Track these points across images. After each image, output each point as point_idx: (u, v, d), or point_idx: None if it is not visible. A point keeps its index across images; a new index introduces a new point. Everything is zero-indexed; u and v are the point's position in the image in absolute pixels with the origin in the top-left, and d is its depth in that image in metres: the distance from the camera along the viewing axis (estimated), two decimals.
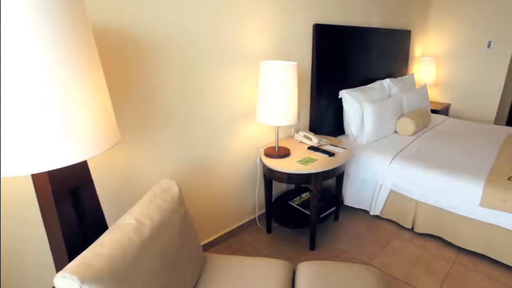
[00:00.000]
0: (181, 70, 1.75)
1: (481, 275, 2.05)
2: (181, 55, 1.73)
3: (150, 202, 1.20)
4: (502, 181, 2.09)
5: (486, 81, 4.29)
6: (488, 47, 4.18)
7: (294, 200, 2.52)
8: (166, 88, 1.71)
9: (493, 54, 4.16)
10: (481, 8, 4.13)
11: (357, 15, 2.95)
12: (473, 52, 4.30)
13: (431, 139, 2.94)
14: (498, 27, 4.06)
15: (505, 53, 4.08)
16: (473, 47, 4.29)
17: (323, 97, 2.70)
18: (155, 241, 1.09)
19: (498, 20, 4.04)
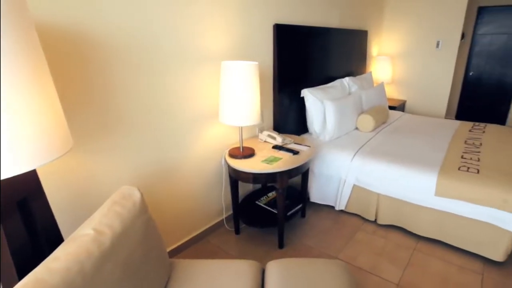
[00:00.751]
0: (140, 71, 1.69)
1: (438, 260, 2.18)
2: (139, 56, 1.67)
3: (110, 210, 1.15)
4: (453, 172, 2.23)
5: (436, 79, 4.57)
6: (437, 46, 4.45)
7: (261, 199, 2.52)
8: (126, 90, 1.65)
9: (442, 53, 4.44)
10: (429, 11, 4.39)
11: (316, 16, 3.02)
12: (424, 51, 4.56)
13: (389, 134, 3.07)
14: (445, 28, 4.33)
15: (451, 53, 4.36)
16: (423, 46, 4.55)
17: (285, 96, 2.74)
18: (116, 251, 1.04)
19: (445, 21, 4.32)
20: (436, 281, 1.99)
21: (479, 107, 5.80)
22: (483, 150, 2.62)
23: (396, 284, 1.96)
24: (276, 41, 2.51)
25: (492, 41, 5.46)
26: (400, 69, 4.81)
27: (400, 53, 4.75)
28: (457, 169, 2.26)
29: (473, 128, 3.30)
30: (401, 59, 4.77)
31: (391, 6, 4.64)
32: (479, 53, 5.60)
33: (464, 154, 2.53)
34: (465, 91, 5.84)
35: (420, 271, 2.07)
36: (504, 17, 5.28)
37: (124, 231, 1.11)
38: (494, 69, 5.55)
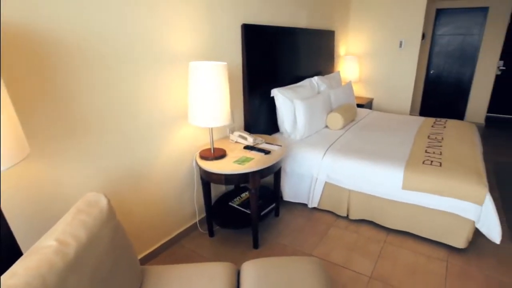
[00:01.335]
0: (106, 73, 1.63)
1: (407, 250, 2.26)
2: (104, 56, 1.61)
3: (74, 219, 1.09)
4: (418, 166, 2.33)
5: (400, 77, 4.75)
6: (400, 46, 4.63)
7: (234, 200, 2.51)
8: (91, 92, 1.58)
9: (404, 52, 4.63)
10: (392, 12, 4.56)
11: (284, 16, 3.05)
12: (388, 51, 4.73)
13: (358, 131, 3.15)
14: (407, 29, 4.52)
15: (413, 52, 4.56)
16: (387, 46, 4.72)
17: (256, 96, 2.74)
18: (82, 262, 0.99)
19: (406, 22, 4.50)
20: (406, 271, 2.07)
21: (440, 104, 6.09)
22: (445, 144, 2.76)
23: (368, 276, 2.02)
24: (245, 41, 2.51)
25: (449, 42, 5.76)
26: (367, 68, 4.97)
27: (366, 52, 4.90)
28: (422, 163, 2.36)
29: (435, 123, 3.46)
30: (367, 59, 4.92)
31: (356, 7, 4.78)
32: (439, 53, 5.89)
33: (428, 149, 2.65)
34: (427, 88, 6.12)
35: (391, 263, 2.14)
36: (459, 19, 5.59)
37: (90, 240, 1.06)
38: (452, 68, 5.85)
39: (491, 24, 5.35)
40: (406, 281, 1.98)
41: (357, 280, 1.99)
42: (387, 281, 1.98)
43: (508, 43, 5.85)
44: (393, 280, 1.99)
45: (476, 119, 5.82)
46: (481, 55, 5.54)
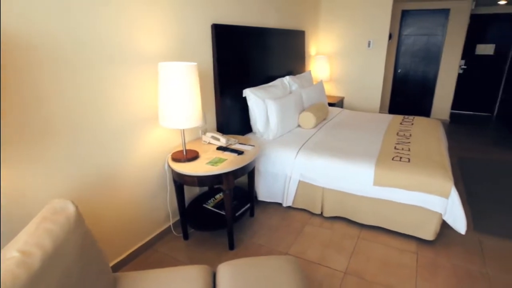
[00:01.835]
0: (73, 75, 1.56)
1: (380, 245, 2.32)
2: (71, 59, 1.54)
3: (38, 228, 1.04)
4: (388, 162, 2.39)
5: (369, 76, 4.88)
6: (368, 46, 4.76)
7: (208, 202, 2.48)
8: (57, 96, 1.51)
9: (373, 52, 4.76)
10: (360, 13, 4.68)
11: (254, 16, 3.05)
12: (357, 50, 4.85)
13: (330, 130, 3.21)
14: (375, 29, 4.65)
15: (381, 52, 4.70)
16: (356, 46, 4.84)
17: (228, 96, 2.73)
18: (48, 272, 0.94)
19: (374, 23, 4.63)
20: (379, 264, 2.12)
21: (408, 101, 6.32)
22: (413, 141, 2.85)
23: (343, 272, 2.05)
24: (215, 41, 2.49)
25: (415, 42, 5.99)
26: (337, 68, 5.07)
27: (336, 52, 5.00)
28: (391, 159, 2.43)
29: (404, 121, 3.58)
30: (337, 58, 5.02)
31: (326, 8, 4.87)
32: (405, 52, 6.10)
33: (397, 145, 2.73)
34: (395, 87, 6.33)
35: (365, 258, 2.19)
36: (424, 20, 5.82)
37: (57, 249, 1.01)
38: (418, 67, 6.09)
39: (452, 25, 5.61)
40: (379, 275, 2.03)
41: (332, 276, 2.02)
42: (361, 276, 2.02)
43: (468, 43, 6.16)
44: (367, 274, 2.03)
45: (441, 115, 6.08)
46: (444, 54, 5.79)
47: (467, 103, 6.68)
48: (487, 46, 6.25)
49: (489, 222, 2.62)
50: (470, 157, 4.11)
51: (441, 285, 1.96)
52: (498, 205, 2.89)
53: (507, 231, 2.49)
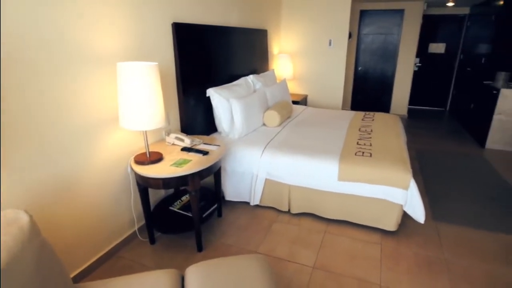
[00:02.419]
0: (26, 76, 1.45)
1: (346, 238, 2.38)
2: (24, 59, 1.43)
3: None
4: (351, 157, 2.46)
5: (331, 74, 5.01)
6: (330, 45, 4.87)
7: (174, 204, 2.42)
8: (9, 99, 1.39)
9: (334, 51, 4.88)
10: (320, 12, 4.78)
11: (215, 15, 3.02)
12: (319, 49, 4.95)
13: (294, 127, 3.24)
14: (335, 28, 4.78)
15: (342, 50, 4.84)
16: (318, 45, 4.94)
17: (191, 96, 2.68)
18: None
19: (334, 22, 4.75)
20: (345, 257, 2.17)
21: (368, 98, 6.56)
22: (374, 136, 2.96)
23: (312, 267, 2.08)
24: (176, 41, 2.43)
25: (373, 40, 6.22)
26: (300, 66, 5.15)
27: (298, 51, 5.08)
28: (354, 154, 2.50)
29: (365, 117, 3.70)
30: (300, 57, 5.10)
31: (287, 7, 4.92)
32: (364, 51, 6.33)
33: (359, 141, 2.82)
34: (356, 84, 6.55)
35: (332, 251, 2.24)
36: (381, 20, 6.07)
37: (10, 263, 0.94)
38: (377, 64, 6.34)
39: (407, 25, 5.89)
40: (346, 267, 2.08)
41: (301, 271, 2.04)
42: (329, 269, 2.06)
43: (422, 42, 6.50)
44: (334, 268, 2.08)
45: (399, 111, 6.37)
46: (400, 52, 6.07)
47: (422, 99, 7.06)
48: (439, 45, 6.63)
49: (445, 210, 2.77)
50: (427, 150, 4.34)
51: (404, 273, 2.04)
52: (453, 194, 3.07)
53: (461, 218, 2.66)
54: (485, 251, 2.26)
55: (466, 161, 3.94)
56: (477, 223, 2.59)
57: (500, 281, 1.99)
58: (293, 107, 4.13)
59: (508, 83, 4.39)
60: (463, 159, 4.03)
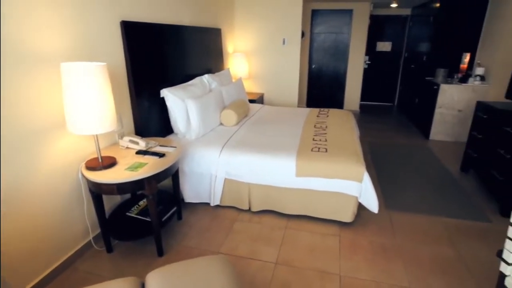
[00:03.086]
0: None
1: (306, 232, 2.44)
2: None
3: None
4: (308, 153, 2.53)
5: (286, 72, 5.10)
6: (283, 43, 4.96)
7: (131, 210, 2.33)
8: None
9: (288, 49, 4.98)
10: (273, 12, 4.85)
11: (167, 13, 2.94)
12: (273, 48, 5.02)
13: (252, 126, 3.26)
14: (288, 27, 4.87)
15: (295, 49, 4.95)
16: (272, 43, 5.01)
17: (145, 98, 2.59)
18: None
19: (287, 21, 4.85)
20: (306, 251, 2.23)
21: (323, 95, 6.77)
22: (329, 132, 3.06)
23: (274, 263, 2.11)
24: (126, 40, 2.33)
25: (325, 39, 6.43)
26: (255, 65, 5.19)
27: (253, 49, 5.11)
28: (311, 150, 2.57)
29: (320, 113, 3.82)
30: (255, 55, 5.14)
31: (240, 6, 4.93)
32: (317, 49, 6.52)
33: (315, 137, 2.90)
34: (311, 81, 6.73)
35: (293, 246, 2.28)
36: (331, 19, 6.28)
37: None
38: (329, 62, 6.56)
39: (355, 24, 6.17)
40: (307, 260, 2.14)
41: (264, 268, 2.06)
42: (291, 264, 2.10)
43: (370, 41, 6.84)
44: (296, 262, 2.12)
45: (352, 107, 6.66)
46: (351, 51, 6.34)
47: (373, 95, 7.43)
48: (385, 44, 7.02)
49: (396, 199, 2.95)
50: (378, 143, 4.58)
51: (361, 261, 2.14)
52: (403, 183, 3.27)
53: (410, 206, 2.84)
54: (431, 234, 2.44)
55: (413, 152, 4.22)
56: (424, 209, 2.78)
57: (443, 258, 2.18)
58: (250, 105, 4.15)
59: (447, 79, 4.76)
60: (411, 150, 4.31)
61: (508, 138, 2.80)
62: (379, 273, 2.04)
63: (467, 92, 4.47)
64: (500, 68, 4.15)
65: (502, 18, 4.20)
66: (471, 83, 4.44)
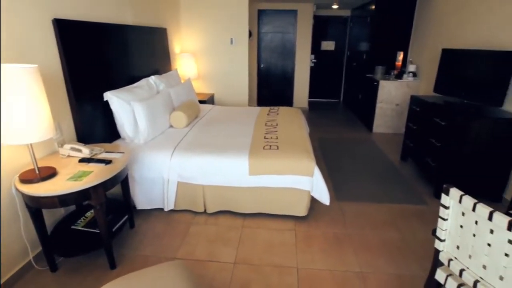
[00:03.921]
0: None
1: (263, 229, 2.47)
2: None
3: None
4: (260, 151, 2.55)
5: (235, 71, 5.11)
6: (231, 43, 4.96)
7: (78, 223, 2.18)
8: None
9: (236, 49, 4.99)
10: (220, 11, 4.82)
11: (107, 11, 2.79)
12: (221, 47, 5.00)
13: (203, 127, 3.22)
14: (235, 27, 4.88)
15: (243, 48, 4.97)
16: (220, 43, 4.98)
17: (86, 102, 2.43)
18: None
19: (234, 21, 4.85)
20: (264, 248, 2.25)
21: (273, 93, 6.90)
22: (279, 129, 3.12)
23: (232, 263, 2.11)
24: (61, 40, 2.16)
25: (272, 39, 6.55)
26: (204, 65, 5.12)
27: (201, 49, 5.04)
28: (262, 148, 2.60)
29: (270, 111, 3.88)
30: (203, 55, 5.07)
31: (185, 5, 4.83)
32: (265, 48, 6.62)
33: (266, 135, 2.94)
34: (261, 80, 6.82)
35: (250, 244, 2.29)
36: (277, 19, 6.41)
37: None
38: (278, 61, 6.70)
39: (300, 24, 6.36)
40: (265, 257, 2.16)
41: (223, 269, 2.05)
42: (250, 262, 2.11)
43: (315, 40, 7.09)
44: (255, 260, 2.13)
45: (301, 104, 6.85)
46: (297, 50, 6.52)
47: (320, 92, 7.72)
48: (329, 43, 7.33)
49: (346, 190, 3.09)
50: (327, 138, 4.77)
51: (316, 252, 2.21)
52: (351, 175, 3.44)
53: (358, 195, 3.00)
54: (378, 220, 2.61)
55: (359, 145, 4.46)
56: (371, 197, 2.95)
57: (389, 241, 2.34)
58: (200, 106, 4.09)
59: (385, 75, 5.10)
60: (357, 143, 4.55)
61: (437, 128, 3.07)
62: (333, 262, 2.13)
63: (402, 88, 4.83)
64: (428, 65, 4.53)
65: (427, 21, 4.60)
66: (405, 79, 4.81)
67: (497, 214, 1.09)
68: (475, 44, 3.38)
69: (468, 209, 1.20)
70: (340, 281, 1.97)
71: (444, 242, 1.39)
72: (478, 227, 1.18)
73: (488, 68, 2.94)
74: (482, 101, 2.96)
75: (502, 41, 2.97)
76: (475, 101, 3.03)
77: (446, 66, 3.50)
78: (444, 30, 4.11)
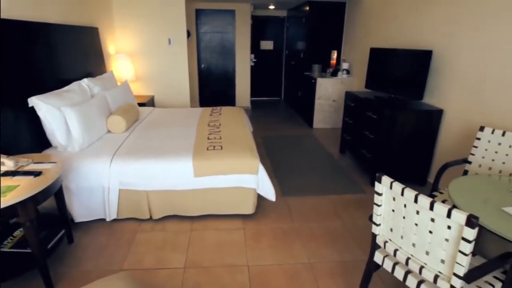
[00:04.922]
0: None
1: (211, 231, 2.46)
2: None
3: None
4: (203, 153, 2.53)
5: (175, 72, 4.99)
6: (169, 43, 4.83)
7: (4, 244, 1.96)
8: None
9: (174, 49, 4.87)
10: (156, 10, 4.66)
11: (26, 8, 2.54)
12: (159, 48, 4.84)
13: (143, 131, 3.09)
14: (173, 27, 4.76)
15: (182, 48, 4.88)
16: (157, 44, 4.82)
17: (8, 109, 2.19)
18: None
19: (171, 21, 4.74)
20: (214, 249, 2.25)
21: (215, 93, 6.86)
22: (223, 129, 3.12)
23: (183, 268, 2.07)
24: None
25: (211, 39, 6.51)
26: (141, 66, 4.92)
27: (137, 50, 4.83)
28: (206, 149, 2.59)
29: (213, 112, 3.86)
30: (140, 56, 4.87)
31: (118, 4, 4.58)
32: (205, 48, 6.56)
33: (209, 135, 2.92)
34: (202, 81, 6.74)
35: (200, 247, 2.27)
36: (216, 19, 6.39)
37: None
38: (218, 61, 6.68)
39: (239, 24, 6.41)
40: (215, 258, 2.15)
41: (173, 276, 2.00)
42: (200, 265, 2.09)
43: (254, 40, 7.20)
44: (205, 262, 2.12)
45: (244, 103, 6.92)
46: (237, 50, 6.57)
47: (261, 91, 7.86)
48: (268, 43, 7.49)
49: (291, 186, 3.20)
50: (270, 136, 4.88)
51: (265, 248, 2.26)
52: (295, 170, 3.57)
53: (303, 190, 3.12)
54: (323, 212, 2.74)
55: (301, 141, 4.64)
56: (314, 191, 3.10)
57: (332, 230, 2.49)
58: (140, 109, 3.92)
59: (321, 73, 5.37)
60: (299, 139, 4.72)
61: (370, 121, 3.32)
62: (282, 256, 2.19)
63: (337, 84, 5.13)
64: (359, 63, 4.87)
65: (356, 21, 4.95)
66: (340, 77, 5.12)
67: (421, 196, 1.21)
68: (399, 44, 3.70)
69: (398, 194, 1.32)
70: (290, 274, 2.04)
71: (380, 226, 1.51)
72: (407, 210, 1.31)
73: (409, 65, 3.25)
74: (406, 95, 3.26)
75: (421, 40, 3.30)
76: (400, 95, 3.33)
77: (374, 63, 3.79)
78: (371, 30, 4.45)
